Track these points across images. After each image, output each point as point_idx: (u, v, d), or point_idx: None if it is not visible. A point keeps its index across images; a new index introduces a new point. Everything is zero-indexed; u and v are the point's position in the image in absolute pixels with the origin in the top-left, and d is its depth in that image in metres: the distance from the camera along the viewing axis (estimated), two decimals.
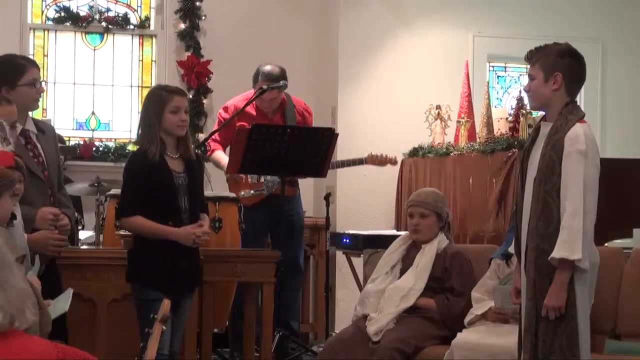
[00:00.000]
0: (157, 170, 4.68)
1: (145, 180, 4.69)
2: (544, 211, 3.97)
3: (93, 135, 8.12)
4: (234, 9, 8.19)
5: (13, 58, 4.83)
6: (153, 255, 4.71)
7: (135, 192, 4.74)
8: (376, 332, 5.20)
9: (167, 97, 4.73)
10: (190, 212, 4.76)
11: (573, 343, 3.93)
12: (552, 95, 4.06)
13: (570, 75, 4.07)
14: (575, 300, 3.94)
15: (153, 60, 8.23)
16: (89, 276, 5.34)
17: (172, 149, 4.77)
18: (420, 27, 8.00)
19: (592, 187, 3.94)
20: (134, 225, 4.76)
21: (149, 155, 4.67)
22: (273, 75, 6.50)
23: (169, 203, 4.71)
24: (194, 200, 4.78)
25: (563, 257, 3.87)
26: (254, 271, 5.65)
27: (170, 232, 4.69)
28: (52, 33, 8.08)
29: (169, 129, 4.72)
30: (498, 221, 6.34)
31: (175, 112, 4.71)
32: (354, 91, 7.87)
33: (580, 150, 3.93)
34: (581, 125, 4.00)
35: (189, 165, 4.79)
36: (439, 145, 7.22)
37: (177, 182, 4.72)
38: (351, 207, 7.79)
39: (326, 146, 6.06)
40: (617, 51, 8.41)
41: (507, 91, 8.52)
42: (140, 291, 4.73)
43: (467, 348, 4.85)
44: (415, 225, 5.50)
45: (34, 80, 4.64)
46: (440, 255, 5.42)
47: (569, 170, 3.93)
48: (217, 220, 5.87)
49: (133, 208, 4.72)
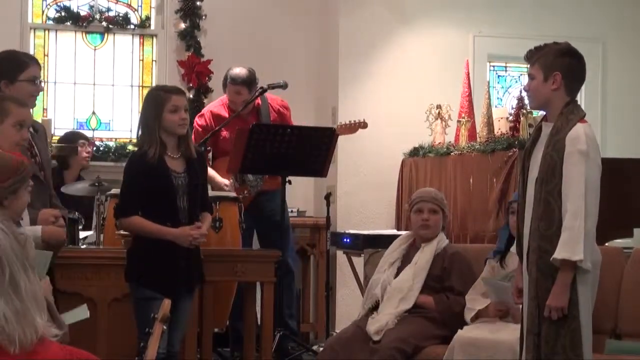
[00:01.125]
0: (155, 171, 4.67)
1: (143, 180, 4.70)
2: (546, 212, 3.96)
3: (93, 135, 8.12)
4: (234, 8, 8.19)
5: (15, 54, 4.83)
6: (151, 255, 4.71)
7: (133, 192, 4.75)
8: (377, 332, 5.20)
9: (165, 97, 4.72)
10: (189, 212, 4.75)
11: (576, 343, 3.93)
12: (551, 95, 4.05)
13: (570, 74, 4.05)
14: (578, 301, 3.93)
15: (153, 60, 8.23)
16: (89, 276, 5.35)
17: (173, 149, 4.77)
18: (420, 27, 8.01)
19: (593, 187, 3.93)
20: (132, 225, 4.77)
21: (148, 156, 4.67)
22: (239, 79, 6.53)
23: (167, 204, 4.71)
24: (193, 200, 4.77)
25: (565, 258, 3.87)
26: (254, 271, 5.66)
27: (168, 232, 4.69)
28: (52, 33, 8.08)
29: (169, 128, 4.71)
30: (498, 221, 6.34)
31: (175, 111, 4.70)
32: (354, 91, 7.87)
33: (582, 151, 3.92)
34: (582, 125, 3.99)
35: (190, 164, 4.79)
36: (439, 145, 7.22)
37: (177, 183, 4.72)
38: (351, 207, 7.79)
39: (326, 146, 6.06)
40: (618, 51, 8.41)
41: (508, 91, 8.52)
42: (138, 291, 4.73)
43: (469, 344, 4.85)
44: (425, 221, 5.48)
45: (34, 77, 4.62)
46: (440, 254, 5.42)
47: (570, 171, 3.92)
48: (217, 220, 5.87)
49: (131, 208, 4.73)
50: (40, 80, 4.68)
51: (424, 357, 5.10)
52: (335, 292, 7.63)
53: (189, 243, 4.71)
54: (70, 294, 5.13)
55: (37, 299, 2.24)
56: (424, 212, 5.49)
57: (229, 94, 6.60)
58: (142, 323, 4.69)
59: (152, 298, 4.53)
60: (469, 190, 6.72)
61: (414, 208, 5.56)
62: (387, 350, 5.05)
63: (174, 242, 4.68)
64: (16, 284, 2.19)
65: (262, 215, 6.49)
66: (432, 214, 5.49)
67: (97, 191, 6.05)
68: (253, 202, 6.48)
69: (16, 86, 4.57)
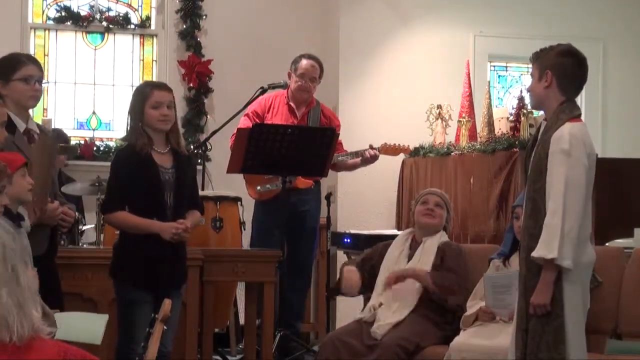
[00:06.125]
0: (142, 165, 4.65)
1: (130, 175, 4.66)
2: (533, 210, 4.02)
3: (94, 135, 8.12)
4: (234, 8, 8.19)
5: (14, 54, 4.83)
6: (135, 251, 4.66)
7: (119, 187, 4.71)
8: (380, 329, 5.22)
9: (149, 92, 4.71)
10: (174, 209, 4.70)
11: (559, 341, 3.96)
12: (544, 94, 4.08)
13: (560, 72, 4.06)
14: (563, 299, 3.95)
15: (154, 59, 8.23)
16: (89, 276, 5.34)
17: (160, 144, 4.73)
18: (421, 27, 8.01)
19: (575, 186, 3.94)
20: (117, 220, 4.74)
21: (135, 150, 4.66)
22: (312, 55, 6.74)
23: (153, 198, 4.67)
24: (179, 197, 4.72)
25: (540, 256, 3.92)
26: (255, 271, 5.66)
27: (153, 224, 4.63)
28: (52, 33, 8.07)
29: (150, 123, 4.68)
30: (499, 221, 6.34)
31: (156, 107, 4.67)
32: (354, 91, 7.87)
33: (563, 150, 3.95)
34: (570, 125, 4.01)
35: (178, 161, 4.74)
36: (440, 145, 7.22)
37: (164, 178, 4.68)
38: (352, 207, 7.78)
39: (327, 146, 6.05)
40: (618, 51, 8.40)
41: (508, 91, 8.51)
42: (121, 287, 4.71)
43: (465, 349, 4.87)
44: (429, 210, 5.53)
45: (28, 76, 4.59)
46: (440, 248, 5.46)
47: (551, 170, 3.96)
48: (217, 219, 5.87)
49: (116, 203, 4.70)
50: (36, 80, 4.63)
51: (425, 356, 5.11)
52: None
53: (172, 236, 4.65)
54: (70, 294, 5.12)
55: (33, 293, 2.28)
56: (429, 203, 5.56)
57: (301, 69, 6.63)
58: (123, 327, 4.68)
59: (136, 302, 4.52)
60: (470, 190, 6.71)
61: (420, 200, 5.63)
62: (390, 348, 5.07)
63: (158, 240, 4.62)
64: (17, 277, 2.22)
65: (294, 214, 6.44)
66: (437, 207, 5.55)
67: (98, 191, 6.05)
68: (283, 198, 6.24)
69: (11, 86, 4.57)
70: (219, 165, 7.02)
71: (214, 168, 7.41)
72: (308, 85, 6.63)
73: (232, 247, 5.96)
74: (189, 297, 5.29)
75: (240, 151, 5.98)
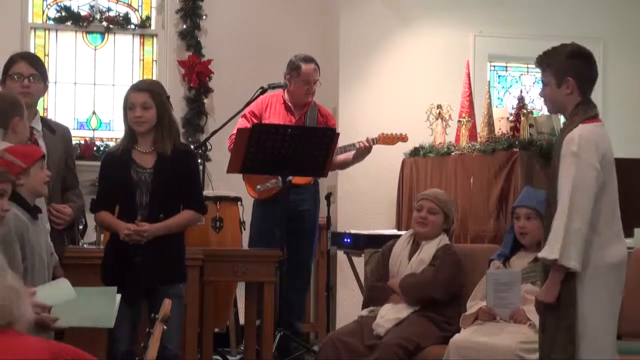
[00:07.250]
0: (116, 166, 4.76)
1: (105, 175, 4.83)
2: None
3: (94, 135, 8.12)
4: (234, 8, 8.19)
5: (12, 55, 4.87)
6: (109, 249, 4.83)
7: (101, 187, 4.88)
8: (381, 328, 5.22)
9: (127, 94, 4.82)
10: (150, 209, 4.70)
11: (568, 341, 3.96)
12: (566, 99, 4.12)
13: (581, 76, 4.11)
14: (575, 300, 3.96)
15: (154, 59, 8.23)
16: (90, 276, 5.33)
17: (145, 144, 4.78)
18: (421, 27, 8.01)
19: (583, 187, 3.95)
20: (98, 220, 4.91)
21: (116, 151, 4.81)
22: (310, 57, 6.70)
23: (124, 198, 4.74)
24: (156, 197, 4.70)
25: (543, 257, 3.96)
26: (255, 271, 5.66)
27: (116, 224, 4.73)
28: (53, 33, 8.08)
29: (130, 125, 4.78)
30: (499, 221, 6.34)
31: (131, 109, 4.76)
32: (354, 91, 7.87)
33: (573, 152, 3.97)
34: (581, 127, 4.03)
35: (161, 161, 4.73)
36: (440, 145, 7.22)
37: (137, 177, 4.71)
38: (352, 207, 7.78)
39: (327, 146, 6.06)
40: (618, 51, 8.40)
41: (508, 91, 8.51)
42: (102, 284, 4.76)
43: (465, 347, 4.87)
44: (422, 219, 5.51)
45: (17, 73, 4.68)
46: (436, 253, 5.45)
47: (561, 172, 4.00)
48: (217, 219, 5.87)
49: (99, 204, 4.84)
50: (26, 77, 4.67)
51: (425, 356, 5.11)
52: (335, 292, 7.63)
53: (124, 237, 4.67)
54: None
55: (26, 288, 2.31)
56: (422, 211, 5.52)
57: (305, 75, 6.61)
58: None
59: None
60: (470, 190, 6.71)
61: (416, 205, 5.62)
62: (390, 347, 5.08)
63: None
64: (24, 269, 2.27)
65: (292, 212, 6.42)
66: (430, 213, 5.51)
67: None
68: (282, 197, 6.22)
69: (6, 85, 4.70)
70: (219, 165, 7.02)
71: (214, 168, 7.41)
72: (314, 89, 6.66)
73: (232, 247, 5.96)
74: (189, 297, 5.28)
75: (240, 151, 5.98)
